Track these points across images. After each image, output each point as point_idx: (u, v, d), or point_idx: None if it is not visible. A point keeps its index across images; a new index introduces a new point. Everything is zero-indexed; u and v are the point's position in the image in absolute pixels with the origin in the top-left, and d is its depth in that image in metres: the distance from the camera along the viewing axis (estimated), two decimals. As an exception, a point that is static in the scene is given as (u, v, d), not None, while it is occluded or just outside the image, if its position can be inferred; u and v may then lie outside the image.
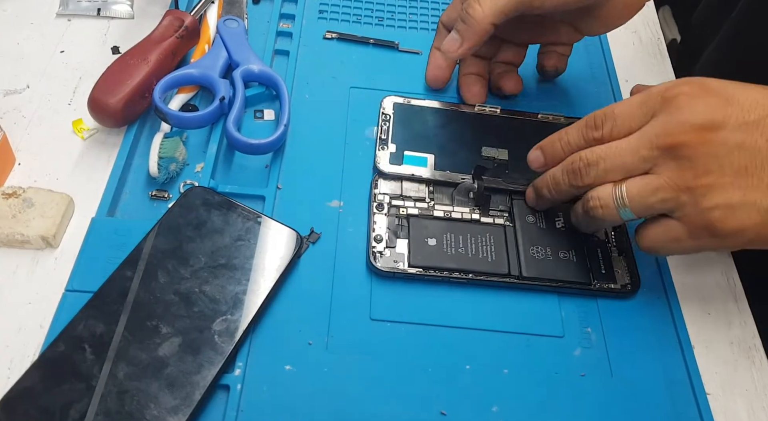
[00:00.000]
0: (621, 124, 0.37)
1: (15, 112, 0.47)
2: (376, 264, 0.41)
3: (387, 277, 0.41)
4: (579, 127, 0.39)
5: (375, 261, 0.41)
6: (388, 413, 0.37)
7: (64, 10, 0.54)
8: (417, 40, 0.55)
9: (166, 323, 0.37)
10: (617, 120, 0.37)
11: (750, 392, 0.40)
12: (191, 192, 0.42)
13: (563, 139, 0.40)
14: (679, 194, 0.35)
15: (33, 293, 0.39)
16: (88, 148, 0.46)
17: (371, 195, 0.44)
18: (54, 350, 0.35)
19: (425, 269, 0.41)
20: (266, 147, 0.44)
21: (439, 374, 0.39)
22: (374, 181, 0.45)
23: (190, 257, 0.39)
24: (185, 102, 0.48)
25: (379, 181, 0.45)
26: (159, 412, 0.34)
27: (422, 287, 0.41)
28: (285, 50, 0.53)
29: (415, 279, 0.41)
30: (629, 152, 0.36)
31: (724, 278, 0.45)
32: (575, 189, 0.39)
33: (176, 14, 0.48)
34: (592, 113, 0.39)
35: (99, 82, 0.44)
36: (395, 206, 0.44)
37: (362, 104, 0.50)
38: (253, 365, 0.38)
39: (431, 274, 0.41)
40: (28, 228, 0.40)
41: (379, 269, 0.41)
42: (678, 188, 0.35)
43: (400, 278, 0.41)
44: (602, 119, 0.38)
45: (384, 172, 0.45)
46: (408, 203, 0.44)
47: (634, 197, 0.36)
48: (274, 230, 0.41)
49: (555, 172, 0.40)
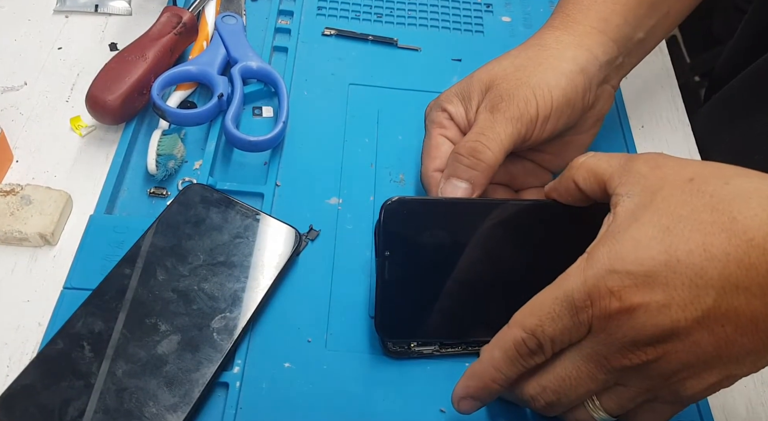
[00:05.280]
0: (560, 342, 0.31)
1: (12, 110, 0.47)
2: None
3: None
4: (512, 358, 0.32)
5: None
6: (387, 411, 0.37)
7: (62, 6, 0.53)
8: (416, 37, 0.55)
9: (164, 321, 0.37)
10: (554, 341, 0.31)
11: (749, 388, 0.40)
12: (190, 189, 0.42)
13: (497, 377, 0.33)
14: (656, 393, 0.31)
15: (31, 290, 0.39)
16: (86, 145, 0.46)
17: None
18: (52, 348, 0.35)
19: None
20: (265, 144, 0.44)
21: (438, 371, 0.39)
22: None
23: (189, 255, 0.39)
24: (183, 99, 0.48)
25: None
26: (158, 409, 0.34)
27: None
28: (283, 47, 0.53)
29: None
30: (588, 380, 0.31)
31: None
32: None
33: (174, 11, 0.48)
34: (512, 337, 0.32)
35: (97, 79, 0.44)
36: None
37: (361, 101, 0.50)
38: (252, 362, 0.38)
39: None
40: (26, 225, 0.40)
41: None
42: (653, 389, 0.31)
43: None
44: (536, 344, 0.31)
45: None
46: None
47: (612, 409, 0.32)
48: (272, 227, 0.41)
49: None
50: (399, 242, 0.36)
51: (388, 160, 0.47)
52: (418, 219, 0.37)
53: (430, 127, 0.43)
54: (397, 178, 0.47)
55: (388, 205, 0.36)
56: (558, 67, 0.40)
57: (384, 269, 0.36)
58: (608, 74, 0.43)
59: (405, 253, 0.37)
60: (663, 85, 0.56)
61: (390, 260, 0.36)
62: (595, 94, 0.42)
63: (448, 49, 0.55)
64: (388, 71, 0.53)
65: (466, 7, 0.58)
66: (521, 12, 0.59)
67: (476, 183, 0.39)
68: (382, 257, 0.36)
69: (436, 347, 0.39)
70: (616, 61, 0.43)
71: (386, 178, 0.47)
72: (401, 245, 0.36)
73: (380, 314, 0.37)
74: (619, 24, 0.42)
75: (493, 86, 0.40)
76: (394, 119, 0.50)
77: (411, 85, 0.52)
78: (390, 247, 0.36)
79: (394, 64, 0.53)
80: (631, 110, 0.53)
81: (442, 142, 0.42)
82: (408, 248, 0.37)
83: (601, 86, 0.43)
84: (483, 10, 0.58)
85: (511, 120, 0.39)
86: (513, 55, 0.42)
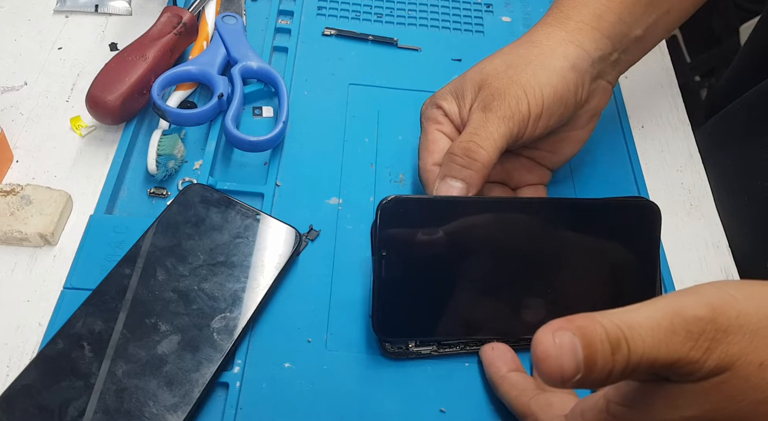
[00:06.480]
0: None
1: (13, 110, 0.47)
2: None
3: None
4: None
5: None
6: (388, 411, 0.37)
7: (62, 6, 0.53)
8: (416, 37, 0.55)
9: (164, 321, 0.37)
10: None
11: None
12: (190, 189, 0.42)
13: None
14: None
15: (31, 290, 0.39)
16: (86, 145, 0.46)
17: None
18: (53, 348, 0.35)
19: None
20: (265, 144, 0.44)
21: (438, 371, 0.39)
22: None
23: (189, 255, 0.39)
24: (184, 99, 0.48)
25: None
26: (158, 409, 0.34)
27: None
28: (284, 47, 0.53)
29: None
30: None
31: (723, 275, 0.45)
32: None
33: (174, 11, 0.48)
34: None
35: (97, 79, 0.44)
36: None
37: (361, 101, 0.50)
38: (252, 362, 0.38)
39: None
40: (26, 225, 0.40)
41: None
42: None
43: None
44: None
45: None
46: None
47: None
48: (272, 227, 0.41)
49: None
50: (395, 241, 0.36)
51: (388, 160, 0.47)
52: (414, 218, 0.36)
53: (425, 124, 0.43)
54: (397, 178, 0.47)
55: (384, 205, 0.36)
56: (549, 65, 0.40)
57: (381, 268, 0.36)
58: (602, 70, 0.42)
59: (401, 252, 0.36)
60: (663, 85, 0.56)
61: (386, 259, 0.36)
62: (589, 90, 0.42)
63: (448, 49, 0.55)
64: (388, 71, 0.53)
65: (466, 7, 0.58)
66: (521, 12, 0.59)
67: (471, 182, 0.39)
68: (378, 256, 0.36)
69: (434, 347, 0.39)
70: (610, 58, 0.42)
71: (386, 178, 0.47)
72: (398, 244, 0.36)
73: (377, 314, 0.37)
74: (613, 21, 0.42)
75: (485, 85, 0.41)
76: (394, 119, 0.50)
77: (411, 85, 0.52)
78: (386, 246, 0.36)
79: (394, 64, 0.53)
80: (631, 110, 0.53)
81: (439, 137, 0.42)
82: (404, 247, 0.36)
83: (595, 82, 0.43)
84: (483, 10, 0.58)
85: (504, 119, 0.39)
86: (505, 53, 0.42)
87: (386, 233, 0.36)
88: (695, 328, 0.25)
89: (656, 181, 0.49)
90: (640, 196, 0.43)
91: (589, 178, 0.48)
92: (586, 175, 0.49)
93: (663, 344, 0.25)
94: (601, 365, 0.24)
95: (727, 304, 0.25)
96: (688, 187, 0.49)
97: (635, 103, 0.54)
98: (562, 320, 0.25)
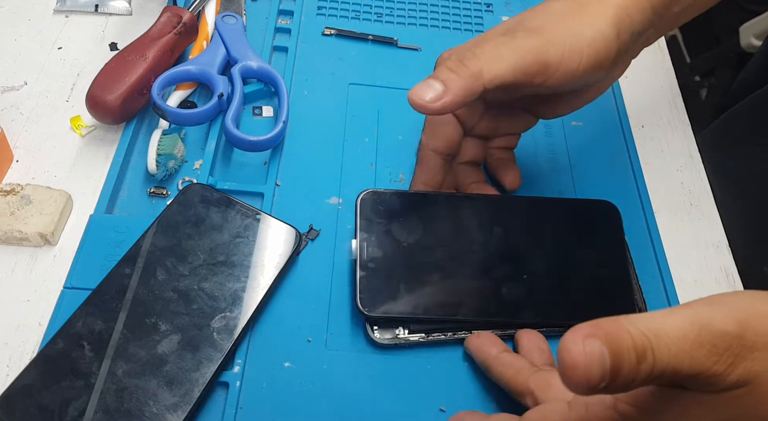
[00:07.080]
0: None
1: (13, 109, 0.47)
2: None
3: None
4: None
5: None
6: (387, 410, 0.37)
7: (62, 6, 0.53)
8: (416, 37, 0.55)
9: (164, 321, 0.37)
10: None
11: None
12: (190, 189, 0.42)
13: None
14: None
15: (31, 290, 0.39)
16: (87, 145, 0.46)
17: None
18: (53, 348, 0.35)
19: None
20: (265, 144, 0.44)
21: (438, 370, 0.39)
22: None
23: (189, 254, 0.39)
24: (183, 99, 0.48)
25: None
26: (158, 409, 0.34)
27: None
28: (284, 47, 0.53)
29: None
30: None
31: (723, 275, 0.45)
32: None
33: (174, 10, 0.48)
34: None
35: (97, 79, 0.44)
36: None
37: (361, 101, 0.50)
38: (252, 362, 0.38)
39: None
40: (26, 225, 0.40)
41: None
42: None
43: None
44: None
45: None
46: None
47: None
48: (272, 227, 0.41)
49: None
50: (373, 228, 0.41)
51: (388, 160, 0.47)
52: (389, 208, 0.42)
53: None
54: (397, 177, 0.47)
55: (362, 198, 0.42)
56: (597, 27, 0.36)
57: (364, 251, 0.40)
58: (634, 44, 0.39)
59: (378, 237, 0.41)
60: (663, 85, 0.56)
61: (366, 242, 0.40)
62: (618, 63, 0.39)
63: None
64: (388, 71, 0.53)
65: (466, 7, 0.58)
66: (521, 12, 0.59)
67: (450, 87, 0.35)
68: (359, 241, 0.40)
69: (423, 334, 0.39)
70: (647, 32, 0.39)
71: (386, 177, 0.47)
72: (374, 231, 0.41)
73: (360, 292, 0.39)
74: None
75: (523, 20, 0.38)
76: (394, 119, 0.50)
77: (411, 85, 0.51)
78: (365, 232, 0.41)
79: (394, 64, 0.53)
80: (631, 110, 0.53)
81: (448, 120, 0.40)
82: (380, 233, 0.41)
83: (626, 55, 0.39)
84: (483, 10, 0.58)
85: (523, 50, 0.35)
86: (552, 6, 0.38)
87: (365, 220, 0.41)
88: (722, 343, 0.24)
89: (656, 181, 0.49)
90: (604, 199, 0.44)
91: (589, 178, 0.48)
92: (586, 175, 0.49)
93: (687, 356, 0.24)
94: (625, 374, 0.24)
95: (755, 320, 0.25)
96: (688, 187, 0.49)
97: (635, 103, 0.54)
98: (589, 324, 0.24)
